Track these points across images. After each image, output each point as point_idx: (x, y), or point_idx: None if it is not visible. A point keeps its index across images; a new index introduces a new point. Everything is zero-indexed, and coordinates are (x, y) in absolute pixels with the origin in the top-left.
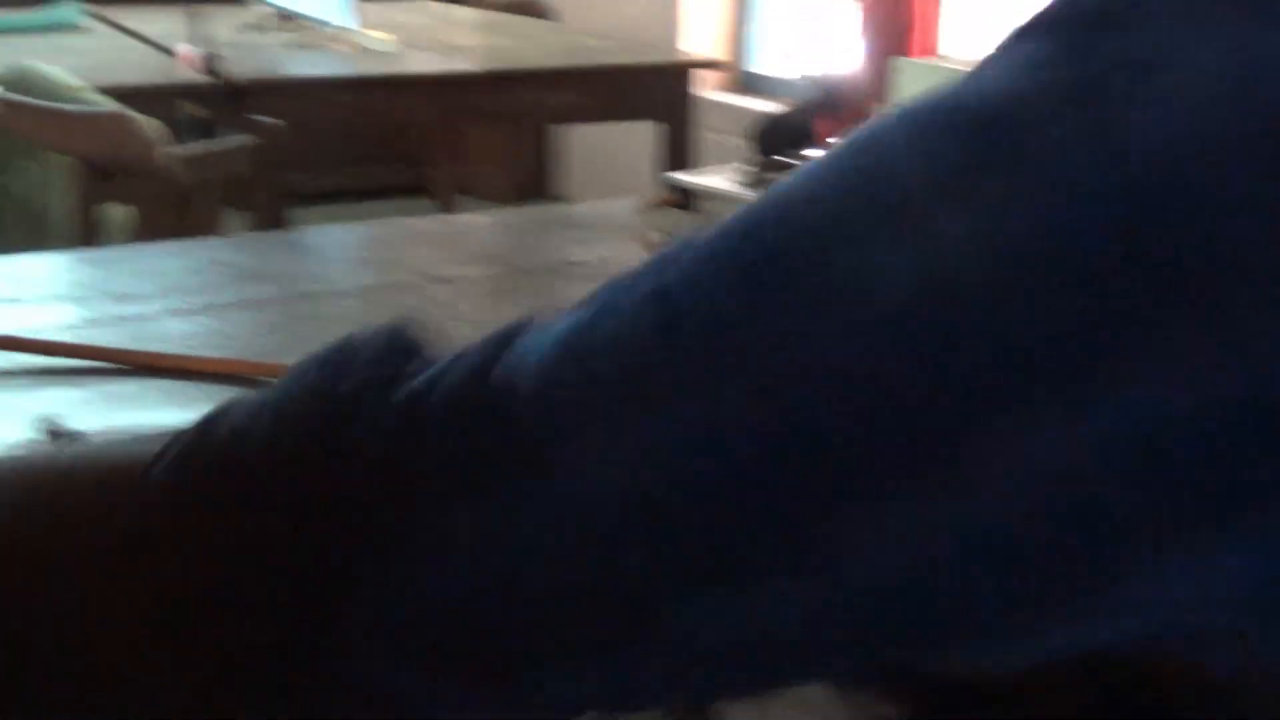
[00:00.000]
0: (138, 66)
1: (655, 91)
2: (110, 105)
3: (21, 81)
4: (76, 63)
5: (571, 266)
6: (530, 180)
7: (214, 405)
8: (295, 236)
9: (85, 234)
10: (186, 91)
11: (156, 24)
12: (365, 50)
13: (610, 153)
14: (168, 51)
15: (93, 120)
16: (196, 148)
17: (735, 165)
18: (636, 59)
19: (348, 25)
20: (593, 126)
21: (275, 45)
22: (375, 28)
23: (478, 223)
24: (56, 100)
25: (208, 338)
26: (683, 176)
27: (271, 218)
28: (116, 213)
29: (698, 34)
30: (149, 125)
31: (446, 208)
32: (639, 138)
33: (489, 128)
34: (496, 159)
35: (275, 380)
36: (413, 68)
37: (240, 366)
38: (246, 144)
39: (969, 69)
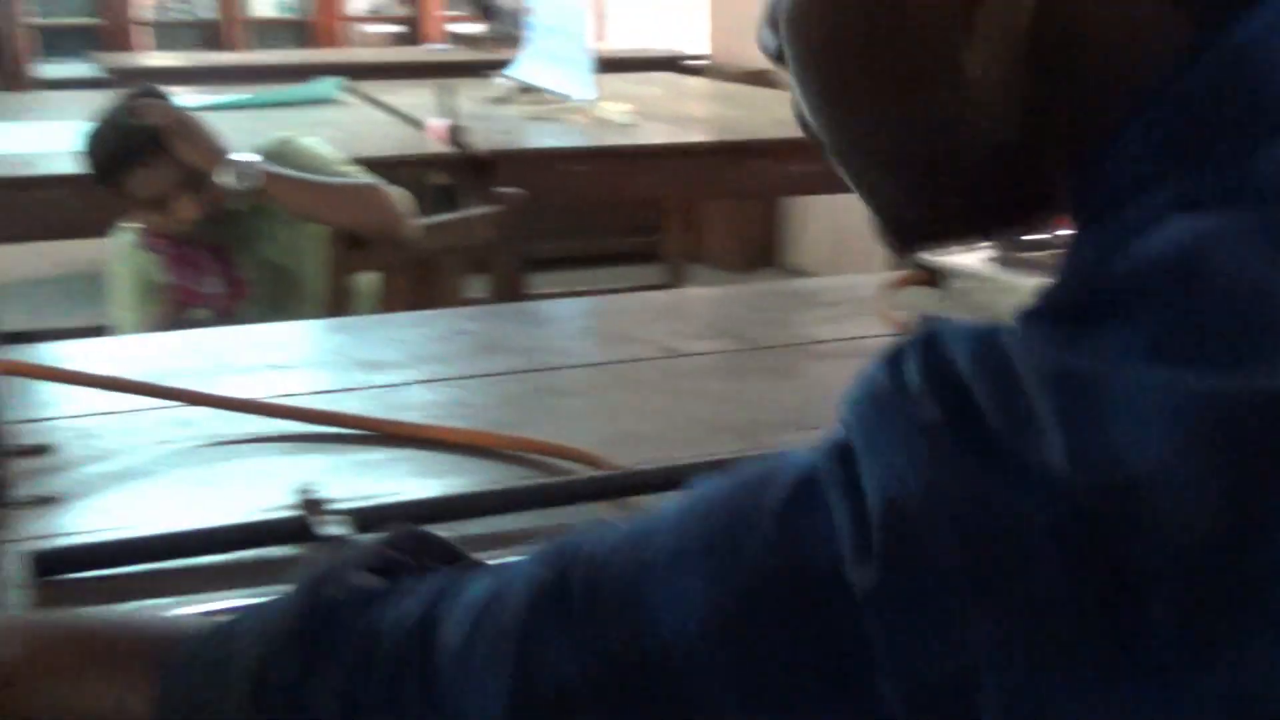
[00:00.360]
0: (389, 138)
1: None
2: (364, 176)
3: (281, 153)
4: (332, 135)
5: (815, 345)
6: (762, 250)
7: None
8: (534, 308)
9: (336, 301)
10: (433, 162)
11: (408, 97)
12: (602, 121)
13: (844, 223)
14: (417, 124)
15: (348, 191)
16: (442, 217)
17: (986, 243)
18: None
19: (587, 97)
20: (827, 197)
21: (517, 117)
22: (611, 99)
23: (714, 296)
24: (313, 171)
25: (451, 407)
26: (929, 254)
27: (510, 284)
28: (364, 280)
29: None
30: (399, 196)
31: (677, 276)
32: None
33: (723, 198)
34: (729, 228)
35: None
36: (648, 139)
37: (482, 438)
38: (489, 213)
39: None
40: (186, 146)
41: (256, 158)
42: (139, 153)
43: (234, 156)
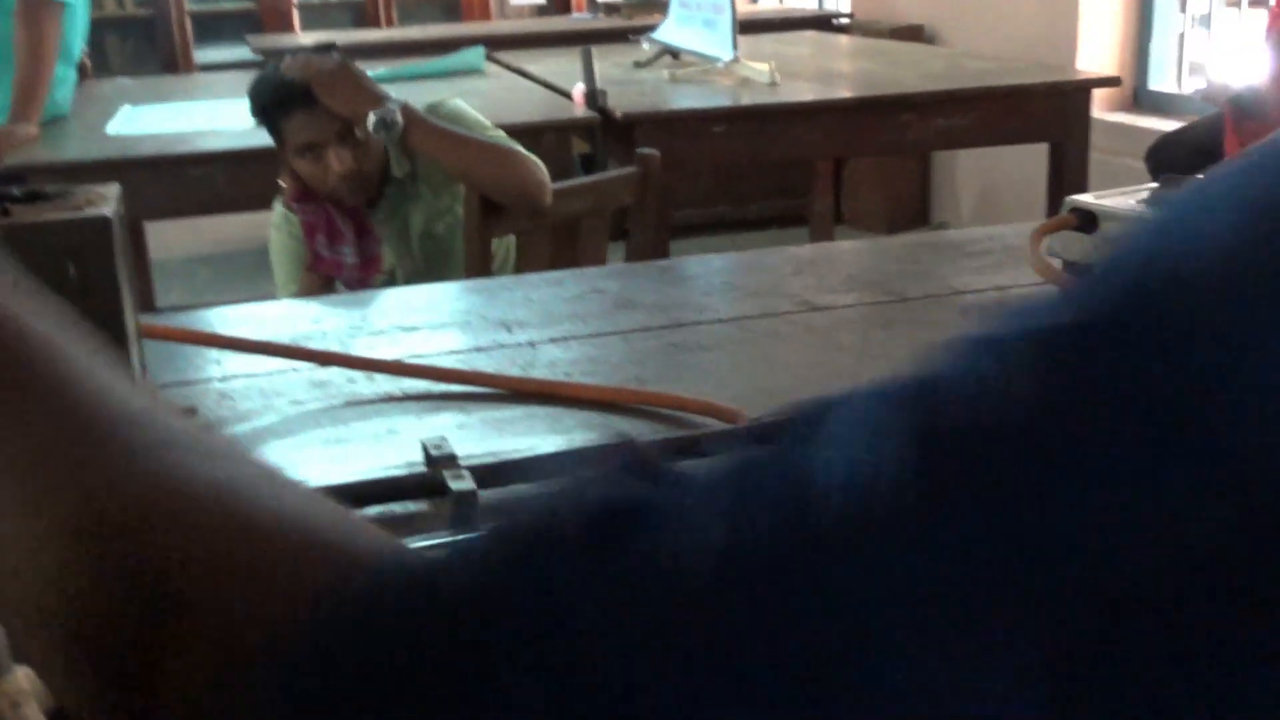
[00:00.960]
0: (532, 105)
1: (1046, 112)
2: (508, 142)
3: (430, 114)
4: (478, 104)
5: (960, 295)
6: (913, 208)
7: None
8: (674, 265)
9: (477, 265)
10: (572, 127)
11: (551, 65)
12: (744, 81)
13: (998, 177)
14: (561, 92)
15: (488, 148)
16: (584, 181)
17: (1142, 187)
18: (1022, 79)
19: (729, 58)
20: (978, 151)
21: (660, 80)
22: (754, 59)
23: (858, 249)
24: (478, 132)
25: (586, 364)
26: (1083, 199)
27: (653, 249)
28: (503, 244)
29: (1094, 52)
30: (541, 161)
31: (825, 237)
32: (1027, 162)
33: (870, 155)
34: (876, 189)
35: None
36: (791, 97)
37: (614, 394)
38: (629, 176)
39: None
40: (333, 97)
41: (398, 105)
42: (294, 99)
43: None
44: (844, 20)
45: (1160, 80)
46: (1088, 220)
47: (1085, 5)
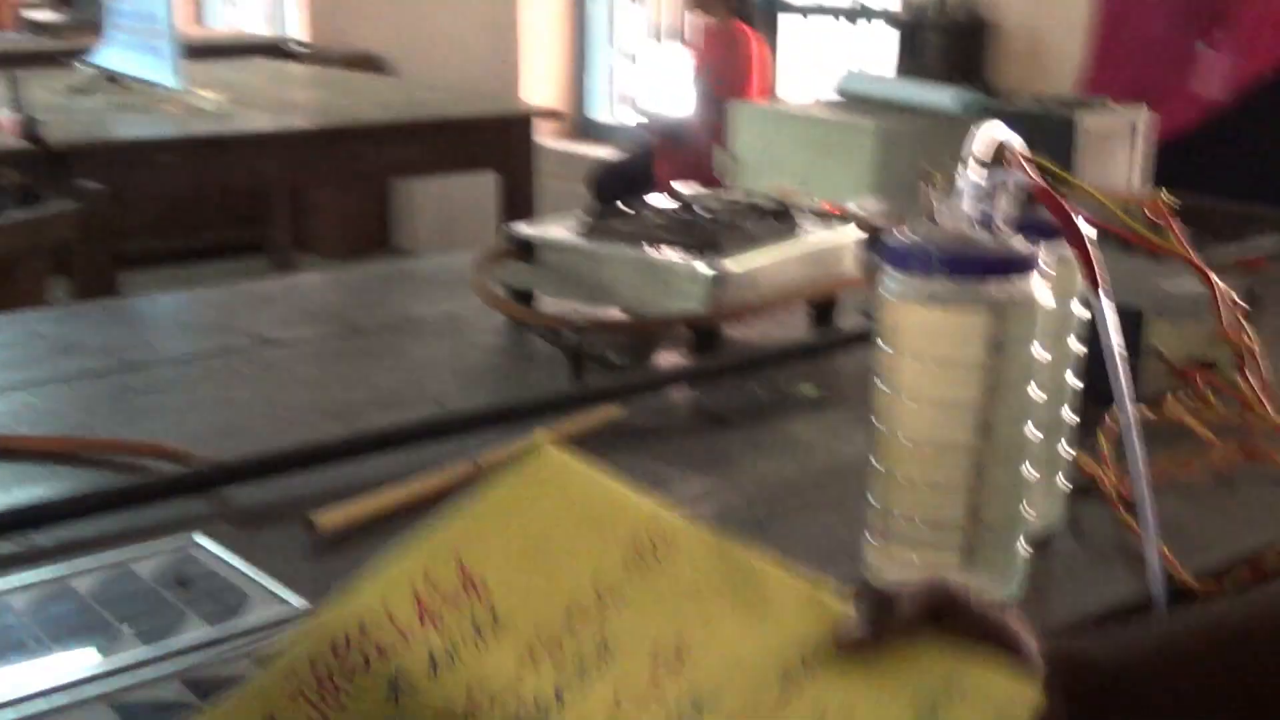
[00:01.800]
0: None
1: (495, 142)
2: None
3: None
4: None
5: (411, 323)
6: (374, 234)
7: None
8: (122, 305)
9: None
10: (5, 158)
11: None
12: (195, 110)
13: (454, 204)
14: None
15: None
16: (17, 216)
17: (574, 214)
18: (474, 110)
19: (175, 85)
20: (435, 179)
21: (101, 108)
22: (205, 87)
23: (315, 282)
24: None
25: (28, 415)
26: (521, 228)
27: (100, 285)
28: None
29: (536, 84)
30: None
31: (285, 265)
32: (482, 188)
33: (327, 184)
34: (336, 215)
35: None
36: (244, 126)
37: (63, 443)
38: (70, 211)
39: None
40: None
41: None
42: None
43: None
44: (298, 48)
45: (597, 110)
46: (524, 248)
47: (526, 39)
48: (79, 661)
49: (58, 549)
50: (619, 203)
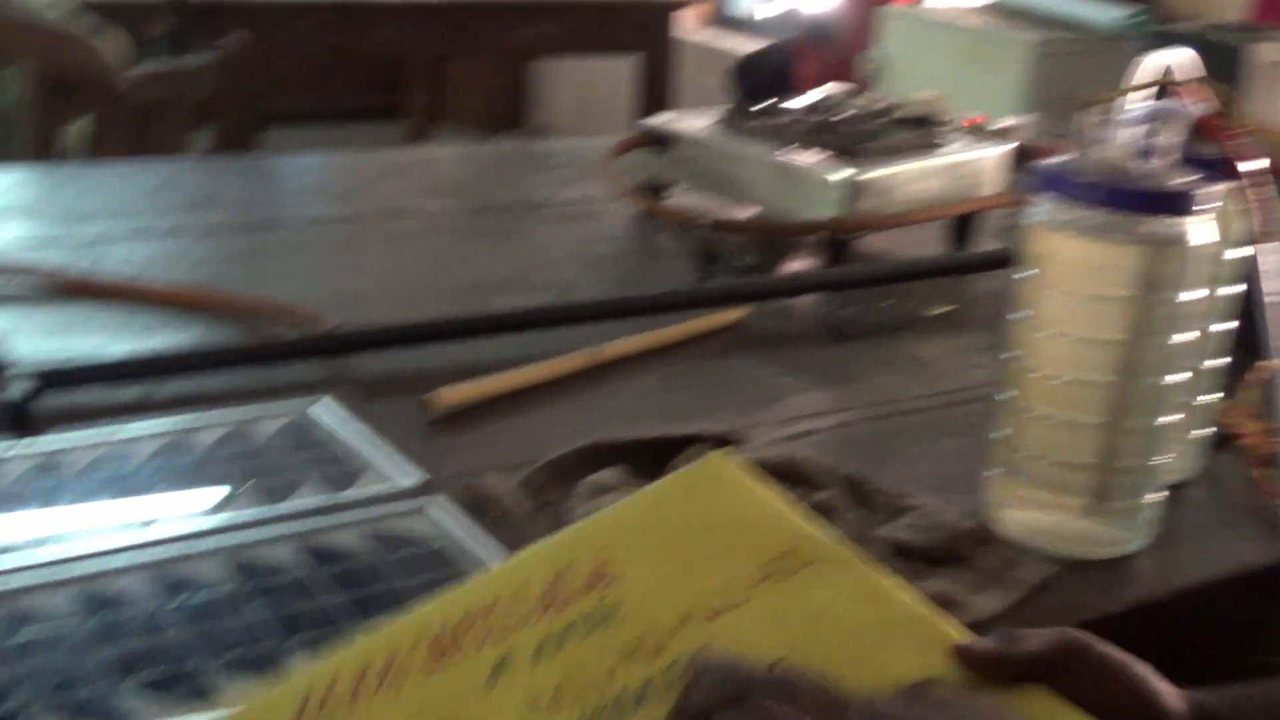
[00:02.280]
0: None
1: (636, 27)
2: (74, 18)
3: None
4: None
5: (540, 205)
6: (508, 111)
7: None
8: (259, 162)
9: (45, 149)
10: (153, 9)
11: None
12: None
13: (591, 88)
14: None
15: (57, 34)
16: (159, 65)
17: (712, 109)
18: None
19: None
20: (573, 61)
21: None
22: None
23: (449, 155)
24: (28, 11)
25: (160, 262)
26: (655, 120)
27: (239, 140)
28: (77, 130)
29: None
30: (113, 42)
31: (420, 135)
32: (620, 74)
33: (465, 58)
34: (474, 89)
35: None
36: None
37: (189, 295)
38: (212, 64)
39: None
40: None
41: None
42: None
43: None
44: None
45: (740, 2)
46: (659, 140)
47: None
48: (198, 515)
49: (181, 401)
50: (758, 100)
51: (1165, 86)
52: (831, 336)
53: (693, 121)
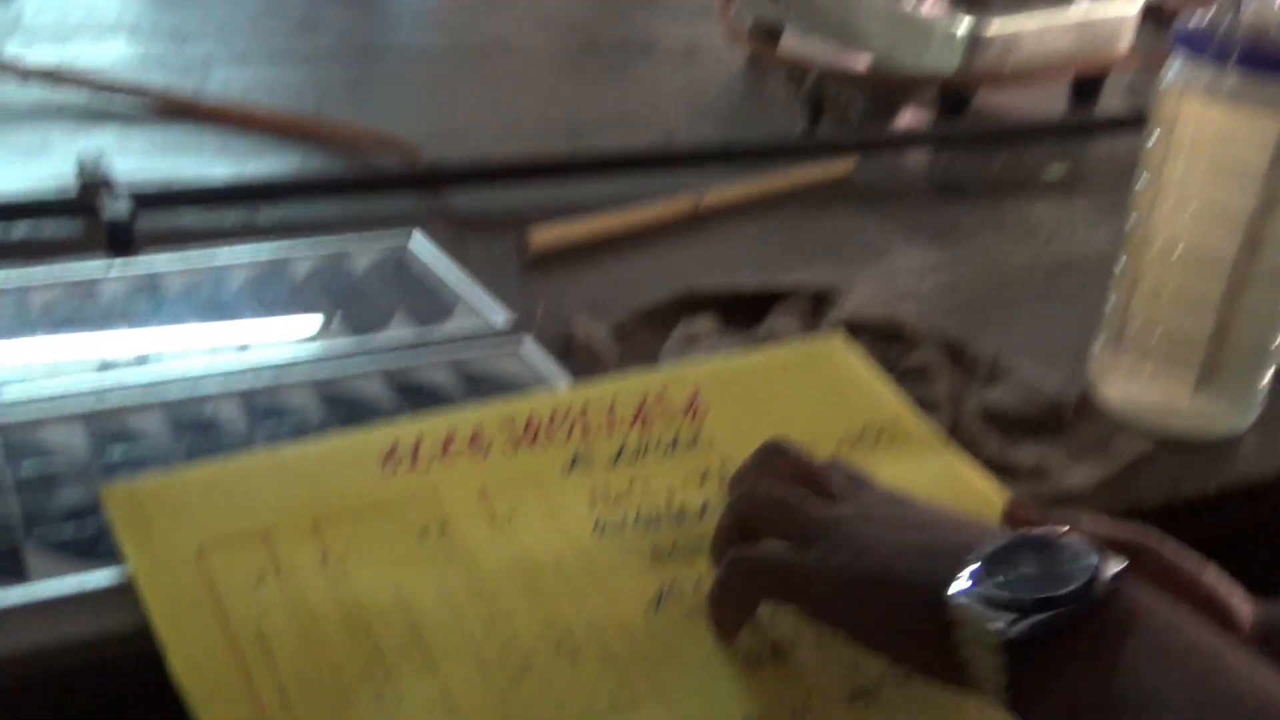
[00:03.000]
0: None
1: None
2: None
3: None
4: None
5: (650, 45)
6: None
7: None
8: None
9: None
10: None
11: None
12: None
13: None
14: None
15: None
16: None
17: None
18: None
19: None
20: None
21: None
22: None
23: None
24: None
25: (263, 86)
26: None
27: None
28: None
29: None
30: None
31: None
32: None
33: None
34: None
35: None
36: None
37: (289, 121)
38: None
39: None
40: None
41: None
42: None
43: None
44: None
45: None
46: None
47: None
48: (288, 344)
49: (279, 229)
50: None
51: None
52: (941, 194)
53: None
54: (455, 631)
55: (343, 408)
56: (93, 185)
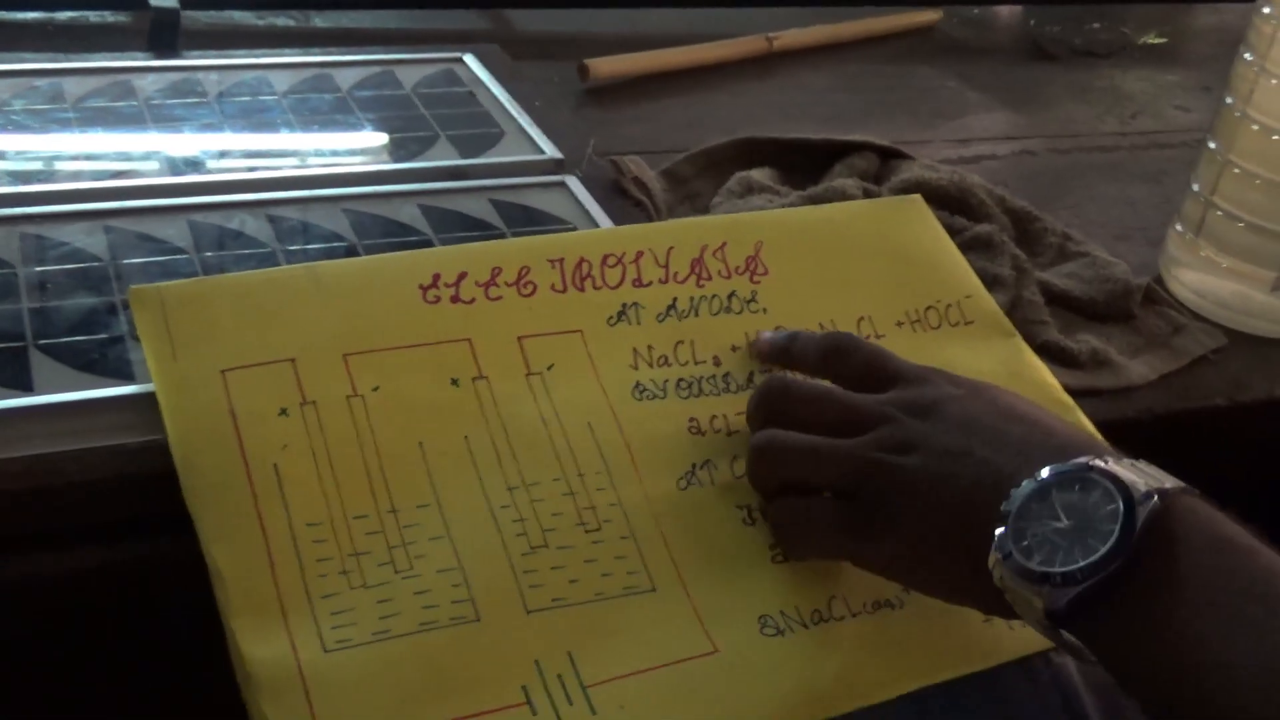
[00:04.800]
0: None
1: None
2: None
3: None
4: None
5: None
6: None
7: None
8: None
9: None
10: None
11: None
12: None
13: None
14: None
15: None
16: None
17: None
18: None
19: None
20: None
21: None
22: None
23: None
24: None
25: None
26: None
27: None
28: None
29: None
30: None
31: None
32: None
33: None
34: None
35: None
36: None
37: None
38: None
39: None
40: None
41: None
42: None
43: None
44: None
45: None
46: None
47: None
48: (324, 160)
49: (329, 37)
50: None
51: None
52: (1028, 55)
53: None
54: (476, 497)
55: (375, 229)
56: None
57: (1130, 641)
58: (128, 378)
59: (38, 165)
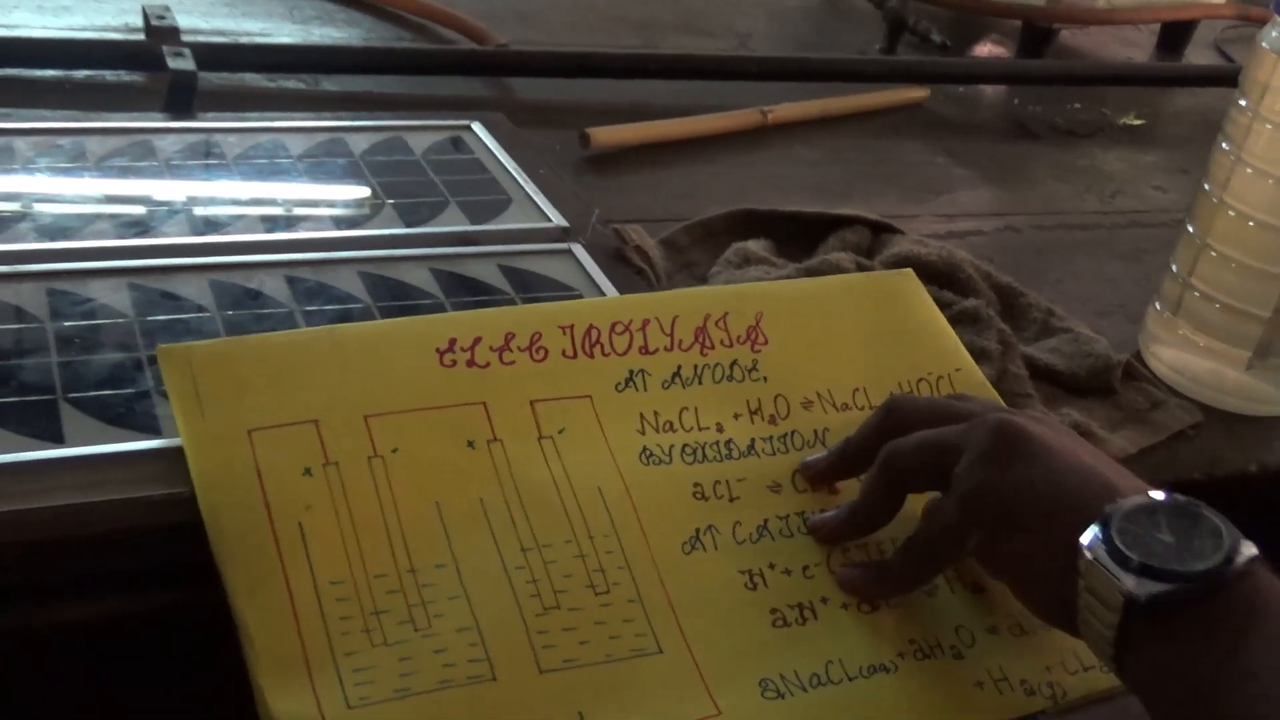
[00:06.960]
0: None
1: None
2: None
3: None
4: None
5: None
6: None
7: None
8: None
9: None
10: None
11: None
12: None
13: None
14: None
15: None
16: None
17: None
18: None
19: None
20: None
21: None
22: None
23: None
24: None
25: None
26: None
27: None
28: None
29: None
30: None
31: None
32: None
33: None
34: None
35: None
36: None
37: None
38: None
39: None
40: None
41: None
42: None
43: None
44: None
45: None
46: None
47: None
48: (339, 221)
49: (338, 101)
50: None
51: None
52: (1012, 133)
53: None
54: (491, 558)
55: (389, 292)
56: (158, 34)
57: (1188, 659)
58: (154, 432)
59: (64, 223)
